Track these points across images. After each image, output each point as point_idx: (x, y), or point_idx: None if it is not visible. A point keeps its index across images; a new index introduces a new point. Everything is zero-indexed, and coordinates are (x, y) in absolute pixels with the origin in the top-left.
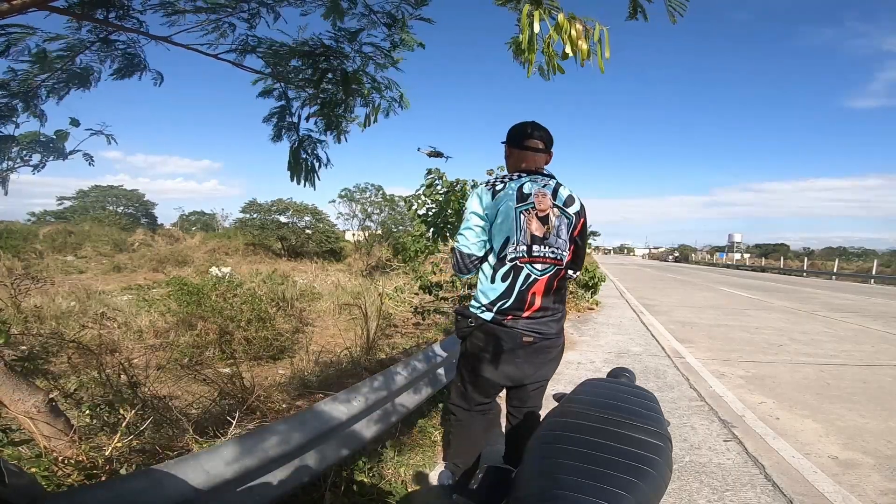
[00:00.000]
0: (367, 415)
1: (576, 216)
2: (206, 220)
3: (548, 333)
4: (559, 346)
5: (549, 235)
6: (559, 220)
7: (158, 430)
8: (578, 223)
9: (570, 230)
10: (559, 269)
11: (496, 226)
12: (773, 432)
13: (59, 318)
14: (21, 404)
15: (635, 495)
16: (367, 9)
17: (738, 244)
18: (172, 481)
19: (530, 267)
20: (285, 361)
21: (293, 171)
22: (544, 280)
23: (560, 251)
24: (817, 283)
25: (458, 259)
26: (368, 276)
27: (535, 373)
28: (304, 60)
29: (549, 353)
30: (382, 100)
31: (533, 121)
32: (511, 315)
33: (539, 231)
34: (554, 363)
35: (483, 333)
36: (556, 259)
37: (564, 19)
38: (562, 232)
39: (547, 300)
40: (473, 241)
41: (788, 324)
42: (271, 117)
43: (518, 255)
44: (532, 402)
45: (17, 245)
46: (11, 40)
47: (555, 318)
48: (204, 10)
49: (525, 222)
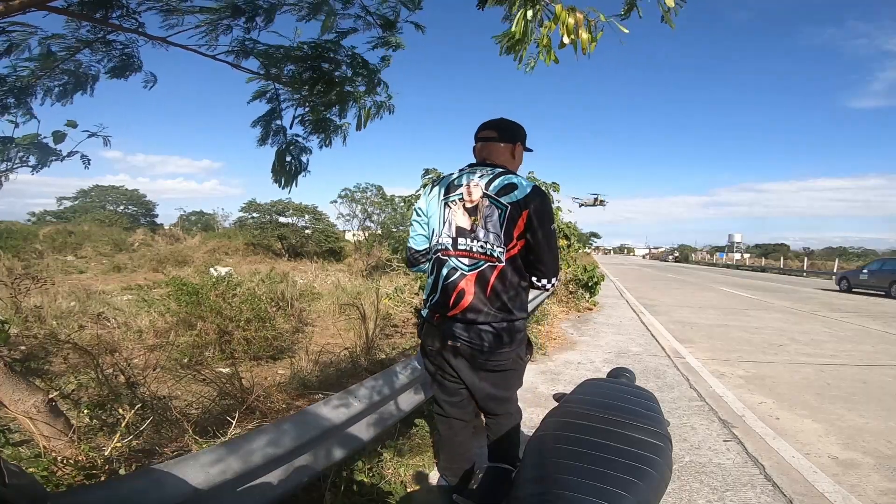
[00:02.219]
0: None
1: (513, 207)
2: (206, 220)
3: (478, 343)
4: (502, 361)
5: (476, 227)
6: (489, 211)
7: (158, 430)
8: (520, 215)
9: (503, 221)
10: (494, 266)
11: (430, 220)
12: (773, 432)
13: (58, 318)
14: (21, 404)
15: (635, 495)
16: (364, 10)
17: (738, 244)
18: (172, 481)
19: (456, 260)
20: (285, 361)
21: (277, 174)
22: (473, 276)
23: (489, 245)
24: (817, 283)
25: (406, 253)
26: (368, 276)
27: (476, 383)
28: (298, 64)
29: (485, 364)
30: (373, 105)
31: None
32: (438, 314)
33: (466, 223)
34: (498, 376)
35: (422, 330)
36: (486, 254)
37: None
38: (490, 224)
39: (480, 300)
40: (413, 236)
41: (788, 324)
42: (260, 120)
43: (440, 247)
44: (494, 410)
45: (17, 245)
46: (12, 40)
47: (491, 327)
48: (201, 11)
49: (450, 214)
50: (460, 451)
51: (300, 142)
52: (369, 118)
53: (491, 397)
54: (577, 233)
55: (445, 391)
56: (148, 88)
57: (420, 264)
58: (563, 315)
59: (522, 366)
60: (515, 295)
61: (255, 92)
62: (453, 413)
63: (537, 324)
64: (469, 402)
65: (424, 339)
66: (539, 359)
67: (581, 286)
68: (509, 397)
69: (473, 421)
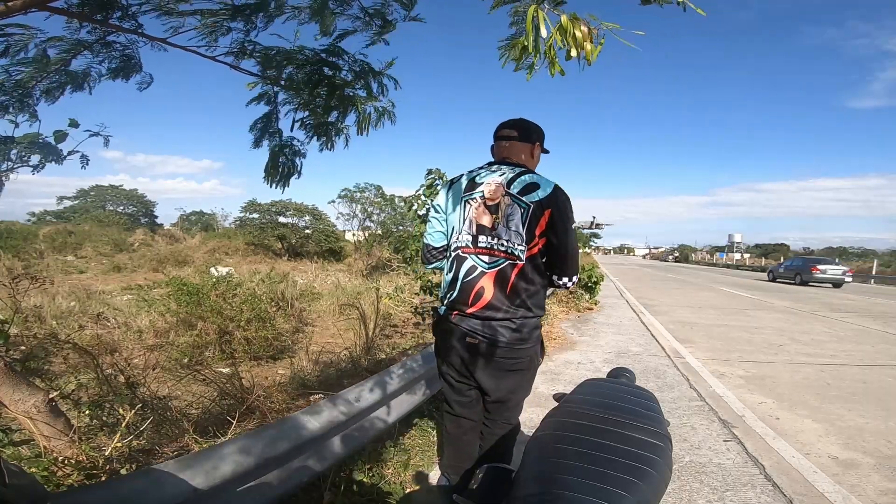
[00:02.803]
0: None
1: (535, 206)
2: (206, 220)
3: (497, 339)
4: (520, 359)
5: (497, 225)
6: (511, 209)
7: (158, 430)
8: (542, 214)
9: (525, 220)
10: (514, 265)
11: (449, 217)
12: (773, 432)
13: (59, 318)
14: (21, 404)
15: (635, 495)
16: (363, 11)
17: (738, 244)
18: (172, 481)
19: (476, 258)
20: (285, 361)
21: (269, 174)
22: (493, 274)
23: (511, 244)
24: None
25: (422, 249)
26: (368, 276)
27: (490, 382)
28: (297, 66)
29: (502, 363)
30: (374, 111)
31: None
32: (457, 311)
33: (487, 221)
34: (514, 377)
35: (438, 327)
36: (507, 252)
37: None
38: (512, 222)
39: (499, 298)
40: (430, 232)
41: (788, 324)
42: (257, 122)
43: (461, 244)
44: (497, 416)
45: (17, 245)
46: (11, 41)
47: (511, 323)
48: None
49: (471, 211)
50: (466, 451)
51: (295, 144)
52: (369, 122)
53: (500, 399)
54: (578, 233)
55: (455, 390)
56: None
57: (436, 261)
58: (563, 315)
59: (534, 368)
60: (535, 293)
61: (255, 95)
62: (463, 412)
63: None
64: (478, 402)
65: (439, 336)
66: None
67: (581, 286)
68: (517, 403)
69: (482, 421)
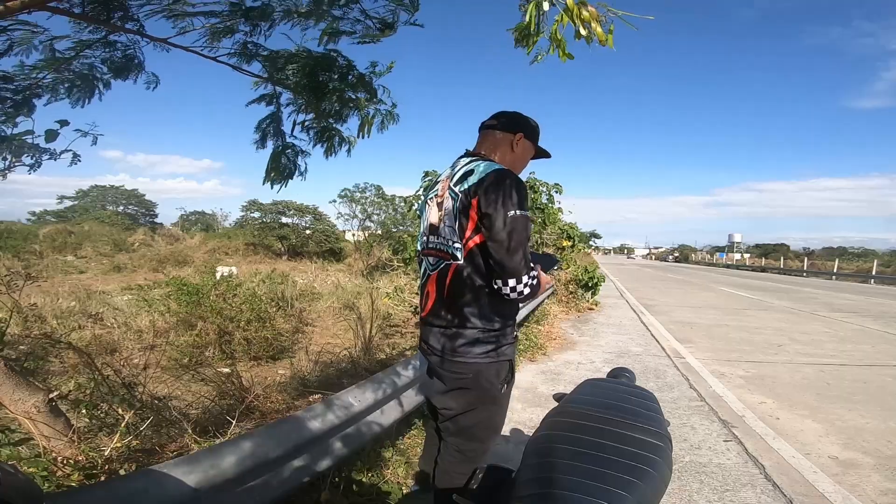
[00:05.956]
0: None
1: (463, 194)
2: (206, 219)
3: (435, 348)
4: (461, 374)
5: (440, 224)
6: (449, 203)
7: (158, 431)
8: (470, 204)
9: (456, 213)
10: (449, 265)
11: (422, 218)
12: (773, 432)
13: (58, 318)
14: (21, 404)
15: (635, 495)
16: (364, 14)
17: (739, 244)
18: (172, 481)
19: (427, 260)
20: (285, 361)
21: (269, 173)
22: (435, 276)
23: (446, 242)
24: (817, 283)
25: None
26: (368, 276)
27: (435, 398)
28: (299, 69)
29: (444, 375)
30: (377, 114)
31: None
32: (420, 317)
33: (435, 219)
34: (460, 396)
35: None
36: (443, 251)
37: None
38: (448, 218)
39: (438, 303)
40: (418, 236)
41: (788, 324)
42: (262, 123)
43: (420, 246)
44: (447, 438)
45: (17, 245)
46: (12, 40)
47: (447, 331)
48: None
49: (427, 211)
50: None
51: (298, 145)
52: (371, 126)
53: (448, 419)
54: (579, 233)
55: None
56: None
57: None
58: (564, 315)
59: (489, 390)
60: (473, 299)
61: (258, 96)
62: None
63: (537, 324)
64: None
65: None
66: (539, 359)
67: (581, 286)
68: (469, 430)
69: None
